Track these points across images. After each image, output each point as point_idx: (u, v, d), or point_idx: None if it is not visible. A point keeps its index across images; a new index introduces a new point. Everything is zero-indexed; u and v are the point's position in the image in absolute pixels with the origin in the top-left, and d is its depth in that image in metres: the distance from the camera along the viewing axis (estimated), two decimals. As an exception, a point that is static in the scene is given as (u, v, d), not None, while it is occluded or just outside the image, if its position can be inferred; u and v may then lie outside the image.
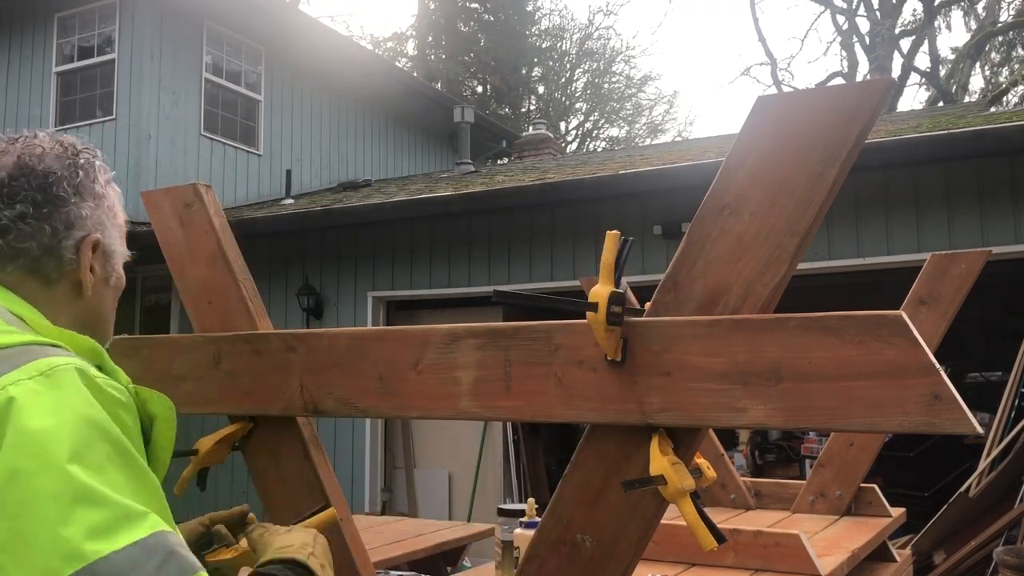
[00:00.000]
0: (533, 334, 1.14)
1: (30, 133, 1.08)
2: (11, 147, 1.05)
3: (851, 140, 0.99)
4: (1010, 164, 5.69)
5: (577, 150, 23.39)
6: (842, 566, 2.19)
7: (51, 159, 1.04)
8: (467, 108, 11.66)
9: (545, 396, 1.12)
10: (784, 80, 20.06)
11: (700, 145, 9.49)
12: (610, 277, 1.06)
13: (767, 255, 1.02)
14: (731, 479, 2.99)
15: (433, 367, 1.21)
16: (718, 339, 1.01)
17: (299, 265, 8.16)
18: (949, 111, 9.28)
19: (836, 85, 1.48)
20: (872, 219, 6.07)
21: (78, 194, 1.04)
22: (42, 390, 0.82)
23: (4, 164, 1.03)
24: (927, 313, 2.57)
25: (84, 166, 1.07)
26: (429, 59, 22.24)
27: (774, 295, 1.03)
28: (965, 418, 0.87)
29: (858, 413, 0.93)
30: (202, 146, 9.24)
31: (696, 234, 1.07)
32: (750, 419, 0.99)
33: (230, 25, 9.59)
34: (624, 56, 25.87)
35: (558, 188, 6.90)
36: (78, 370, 0.85)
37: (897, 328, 0.91)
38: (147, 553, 0.76)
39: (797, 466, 7.94)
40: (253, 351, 1.40)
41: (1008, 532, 5.24)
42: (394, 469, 8.05)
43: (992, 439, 5.62)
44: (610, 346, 1.06)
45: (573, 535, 1.13)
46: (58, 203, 1.02)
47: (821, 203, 1.00)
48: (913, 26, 18.48)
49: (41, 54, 9.35)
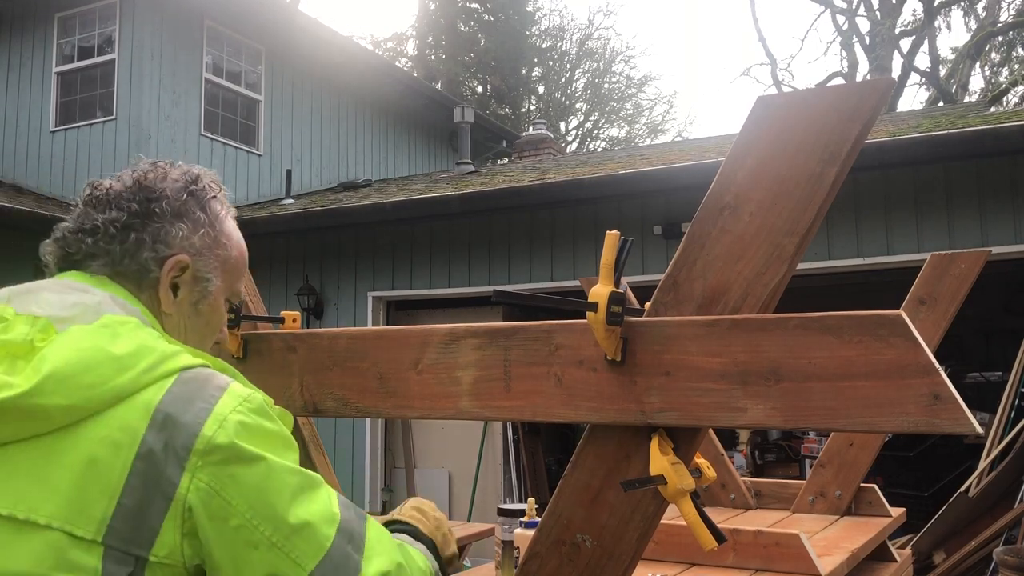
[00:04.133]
0: (533, 334, 1.14)
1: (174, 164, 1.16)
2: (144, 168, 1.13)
3: (851, 140, 0.99)
4: (1010, 164, 5.69)
5: (577, 150, 23.39)
6: (842, 566, 2.19)
7: (168, 181, 1.11)
8: (467, 108, 11.65)
9: (545, 396, 1.12)
10: (784, 80, 20.06)
11: (700, 145, 9.49)
12: (610, 277, 1.06)
13: (767, 255, 1.02)
14: (731, 479, 2.99)
15: (433, 367, 1.21)
16: (718, 339, 1.01)
17: (299, 265, 8.17)
18: (949, 111, 9.27)
19: (836, 85, 1.48)
20: (872, 219, 6.07)
21: (178, 215, 1.09)
22: (262, 421, 0.95)
23: (125, 178, 1.12)
24: (927, 313, 2.57)
25: (196, 193, 1.12)
26: (429, 59, 22.24)
27: (774, 295, 1.03)
28: (965, 418, 0.87)
29: (858, 413, 0.93)
30: (202, 146, 9.24)
31: (696, 234, 1.07)
32: (750, 419, 0.99)
33: (230, 25, 9.59)
34: (624, 56, 25.90)
35: (558, 188, 6.90)
36: (264, 400, 0.98)
37: (897, 328, 0.91)
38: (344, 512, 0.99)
39: (797, 466, 7.94)
40: (253, 351, 1.40)
41: (1008, 532, 5.24)
42: (394, 469, 8.05)
43: (992, 439, 5.62)
44: (610, 346, 1.06)
45: (573, 535, 1.13)
46: (153, 217, 1.08)
47: (821, 203, 1.00)
48: (913, 26, 18.47)
49: (41, 54, 9.35)
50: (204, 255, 1.11)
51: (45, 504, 0.86)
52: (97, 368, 0.91)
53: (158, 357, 0.95)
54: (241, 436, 0.91)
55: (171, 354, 0.97)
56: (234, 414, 0.92)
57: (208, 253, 1.12)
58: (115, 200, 1.08)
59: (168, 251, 1.08)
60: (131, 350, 0.94)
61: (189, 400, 0.92)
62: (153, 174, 1.11)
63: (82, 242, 1.07)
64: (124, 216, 1.07)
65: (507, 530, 2.03)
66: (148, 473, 0.87)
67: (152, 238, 1.07)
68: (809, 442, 7.81)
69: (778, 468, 8.03)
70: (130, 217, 1.07)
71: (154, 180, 1.10)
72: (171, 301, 1.09)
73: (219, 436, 0.90)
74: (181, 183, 1.12)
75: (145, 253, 1.07)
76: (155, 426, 0.89)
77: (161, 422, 0.90)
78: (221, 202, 1.17)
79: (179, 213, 1.09)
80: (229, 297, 1.20)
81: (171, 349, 0.98)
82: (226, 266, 1.16)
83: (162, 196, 1.09)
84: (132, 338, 0.96)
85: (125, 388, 0.91)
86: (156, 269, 1.07)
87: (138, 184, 1.09)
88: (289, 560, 0.90)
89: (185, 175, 1.13)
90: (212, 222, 1.13)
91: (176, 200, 1.10)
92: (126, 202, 1.08)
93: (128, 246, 1.06)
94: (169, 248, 1.08)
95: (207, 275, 1.12)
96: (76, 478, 0.87)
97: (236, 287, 1.20)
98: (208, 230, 1.12)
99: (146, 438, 0.89)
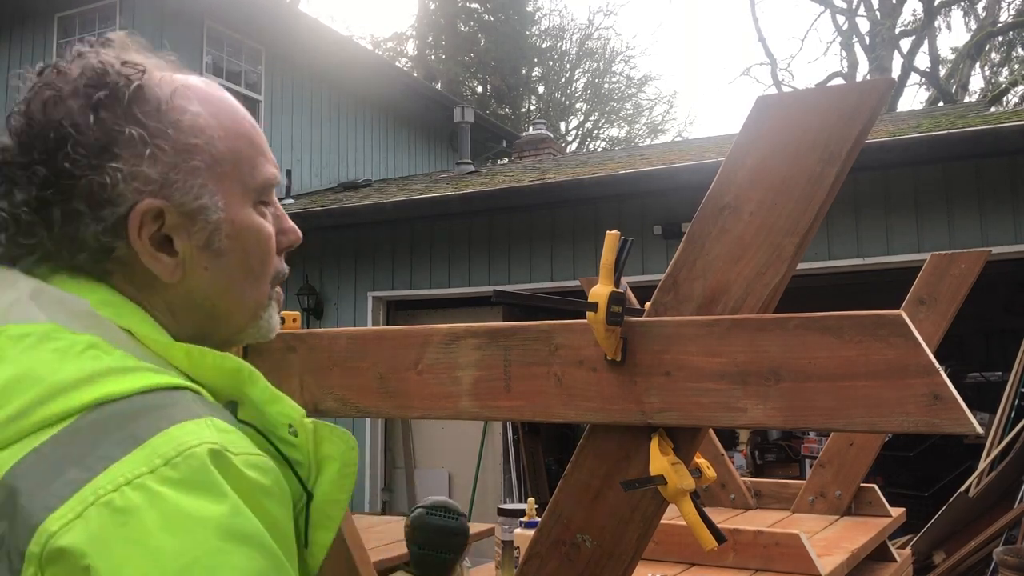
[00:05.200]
0: (533, 334, 1.14)
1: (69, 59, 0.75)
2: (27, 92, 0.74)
3: (851, 140, 0.99)
4: (1010, 164, 5.69)
5: (577, 150, 23.39)
6: (842, 566, 2.19)
7: (65, 104, 0.71)
8: (467, 108, 11.66)
9: (545, 396, 1.12)
10: (784, 80, 20.07)
11: (700, 145, 9.49)
12: (610, 277, 1.06)
13: (767, 255, 1.02)
14: (731, 479, 2.99)
15: (433, 367, 1.21)
16: (718, 339, 1.01)
17: (299, 265, 8.17)
18: (949, 111, 9.28)
19: (836, 85, 1.48)
20: (872, 219, 6.07)
21: (103, 151, 0.70)
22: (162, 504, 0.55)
23: (12, 121, 0.73)
24: (927, 313, 2.57)
25: (109, 100, 0.71)
26: (429, 59, 22.24)
27: (774, 295, 1.03)
28: (965, 418, 0.87)
29: (858, 413, 0.93)
30: (202, 146, 9.23)
31: (696, 234, 1.07)
32: (750, 419, 0.99)
33: (230, 25, 9.59)
34: (624, 56, 25.90)
35: (558, 188, 6.90)
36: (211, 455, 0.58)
37: (897, 328, 0.91)
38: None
39: (797, 466, 7.95)
40: (253, 351, 1.40)
41: (1008, 532, 5.24)
42: (394, 469, 8.05)
43: (992, 439, 5.62)
44: (610, 346, 1.06)
45: (573, 535, 1.13)
46: (69, 174, 0.70)
47: (821, 203, 1.00)
48: (913, 26, 18.47)
49: (41, 54, 9.35)
50: (176, 178, 0.73)
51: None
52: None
53: (42, 392, 0.60)
54: (104, 537, 0.53)
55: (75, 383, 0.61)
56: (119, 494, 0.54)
57: (180, 172, 0.73)
58: (8, 167, 0.71)
59: (117, 208, 0.70)
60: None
61: (58, 466, 0.57)
62: (40, 99, 0.72)
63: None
64: (32, 190, 0.70)
65: (507, 530, 2.03)
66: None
67: (87, 203, 0.70)
68: (809, 442, 7.81)
69: (778, 468, 8.03)
70: (40, 188, 0.70)
71: (45, 111, 0.71)
72: (170, 265, 0.73)
73: (65, 536, 0.53)
74: (82, 98, 0.71)
75: (89, 228, 0.70)
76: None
77: (2, 503, 0.56)
78: (155, 80, 0.74)
79: (103, 147, 0.70)
80: (258, 195, 0.79)
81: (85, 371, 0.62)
82: (220, 168, 0.75)
83: (66, 137, 0.69)
84: (9, 367, 0.63)
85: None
86: (115, 240, 0.71)
87: (28, 126, 0.71)
88: None
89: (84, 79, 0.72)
90: (158, 127, 0.72)
91: (88, 130, 0.70)
92: (22, 167, 0.70)
93: (59, 231, 0.71)
94: (116, 204, 0.70)
95: (198, 201, 0.74)
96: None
97: (254, 175, 0.78)
98: (159, 143, 0.72)
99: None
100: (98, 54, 0.74)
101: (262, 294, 0.80)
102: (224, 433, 0.61)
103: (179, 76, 0.77)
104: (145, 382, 0.63)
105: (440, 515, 0.84)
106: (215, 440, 0.59)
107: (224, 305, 0.77)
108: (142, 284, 0.73)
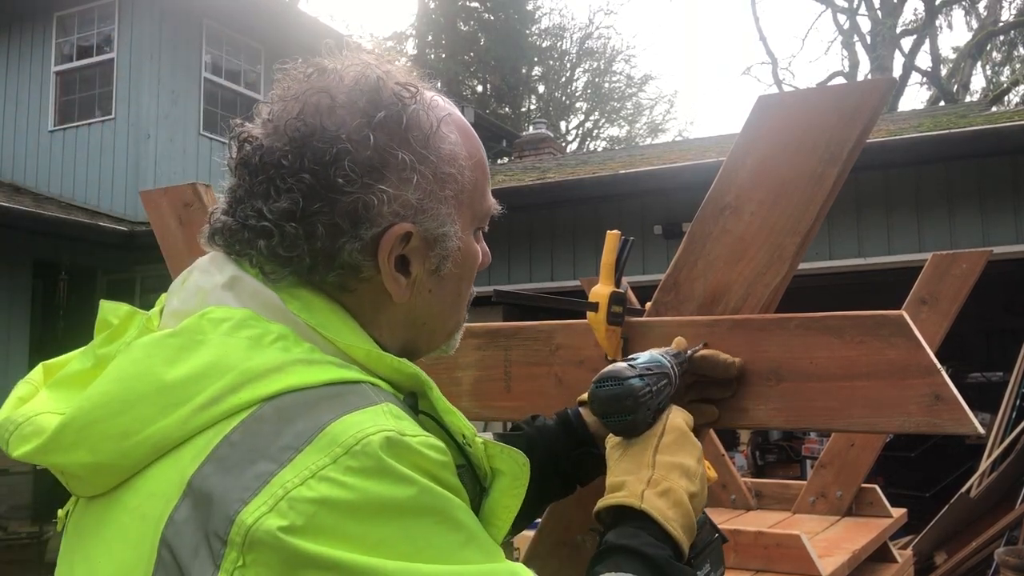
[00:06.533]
0: (533, 334, 1.14)
1: (340, 63, 0.76)
2: (297, 89, 0.74)
3: (852, 140, 0.98)
4: (1011, 164, 5.69)
5: (577, 150, 23.39)
6: (843, 567, 2.19)
7: (340, 117, 0.72)
8: (467, 108, 11.68)
9: (545, 396, 1.12)
10: (785, 80, 20.06)
11: (700, 145, 9.49)
12: (610, 277, 1.05)
13: (768, 255, 1.02)
14: (732, 479, 2.98)
15: (433, 367, 1.21)
16: (718, 339, 1.00)
17: (299, 265, 8.16)
18: (950, 111, 9.27)
19: (837, 85, 1.48)
20: (873, 219, 6.06)
21: (373, 171, 0.71)
22: (370, 486, 0.58)
23: (278, 120, 0.72)
24: (928, 313, 2.57)
25: (386, 121, 0.72)
26: (429, 58, 22.23)
27: (775, 295, 1.03)
28: (966, 418, 0.86)
29: (859, 413, 0.92)
30: (201, 145, 9.23)
31: (697, 234, 1.07)
32: (751, 419, 0.99)
33: (229, 24, 9.59)
34: (624, 56, 25.92)
35: (558, 188, 6.90)
36: (387, 441, 0.60)
37: (898, 328, 0.90)
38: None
39: (798, 466, 7.94)
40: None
41: (1009, 533, 5.23)
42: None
43: (993, 439, 5.61)
44: (610, 346, 1.05)
45: (573, 536, 1.13)
46: (339, 189, 0.70)
47: (822, 203, 1.00)
48: (914, 25, 18.47)
49: (40, 53, 9.35)
50: (429, 206, 0.74)
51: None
52: (137, 406, 0.62)
53: (234, 380, 0.63)
54: (309, 526, 0.56)
55: (264, 372, 0.64)
56: (306, 487, 0.57)
57: (433, 199, 0.75)
58: (275, 168, 0.70)
59: (374, 229, 0.71)
60: (190, 373, 0.63)
61: (247, 455, 0.59)
62: (315, 104, 0.72)
63: (251, 245, 0.72)
64: (299, 200, 0.70)
65: (507, 530, 2.03)
66: (171, 570, 0.58)
67: (349, 220, 0.70)
68: (810, 443, 7.80)
69: (779, 469, 8.03)
70: (307, 201, 0.70)
71: (321, 121, 0.71)
72: (404, 286, 0.75)
73: (264, 524, 0.55)
74: (360, 116, 0.71)
75: (347, 245, 0.71)
76: (191, 494, 0.59)
77: (201, 493, 0.59)
78: (424, 105, 0.75)
79: (374, 167, 0.71)
80: (480, 222, 0.82)
81: (274, 362, 0.64)
82: (462, 197, 0.78)
83: (342, 153, 0.70)
84: (206, 351, 0.64)
85: (167, 436, 0.62)
86: (366, 259, 0.72)
87: (301, 135, 0.71)
88: None
89: (360, 93, 0.73)
90: (424, 154, 0.74)
91: (364, 148, 0.71)
92: (292, 174, 0.70)
93: (318, 247, 0.71)
94: (375, 225, 0.71)
95: (441, 228, 0.75)
96: (115, 566, 0.62)
97: (483, 204, 0.82)
98: (422, 169, 0.73)
99: (174, 516, 0.59)
100: (367, 65, 0.75)
101: (461, 316, 0.84)
102: (399, 420, 0.63)
103: (440, 101, 0.79)
104: (329, 375, 0.65)
105: (607, 385, 0.84)
106: (391, 427, 0.61)
107: (433, 325, 0.81)
108: (373, 302, 0.75)
